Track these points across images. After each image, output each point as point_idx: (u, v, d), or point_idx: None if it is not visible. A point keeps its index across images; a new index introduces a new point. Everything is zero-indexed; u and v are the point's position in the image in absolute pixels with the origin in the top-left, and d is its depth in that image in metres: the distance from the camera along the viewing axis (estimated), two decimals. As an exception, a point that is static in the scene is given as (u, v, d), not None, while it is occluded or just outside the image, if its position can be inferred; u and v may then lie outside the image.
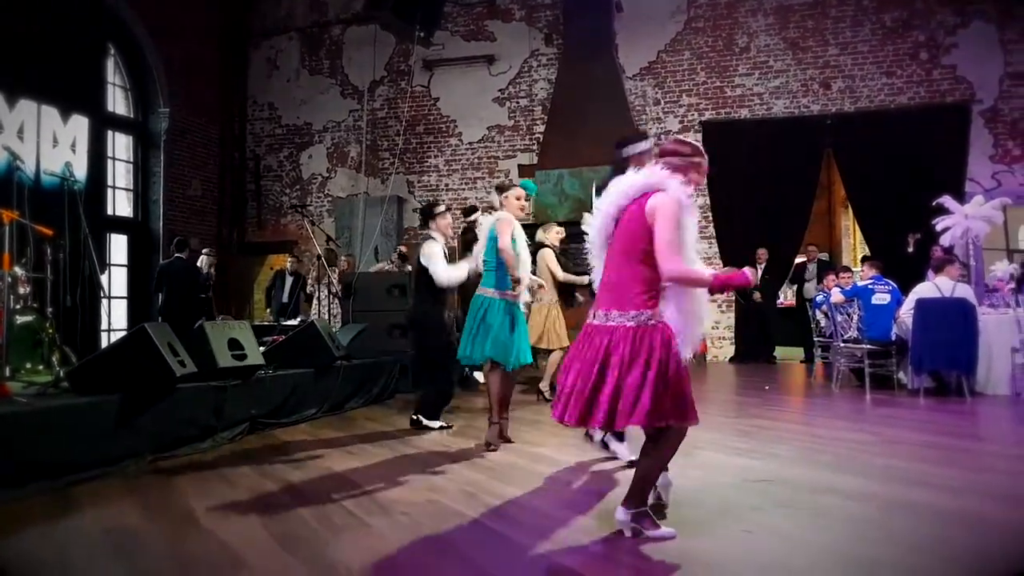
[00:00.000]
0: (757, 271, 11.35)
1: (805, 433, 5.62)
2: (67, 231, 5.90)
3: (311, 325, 6.88)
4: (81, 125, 10.82)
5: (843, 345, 7.75)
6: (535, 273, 5.62)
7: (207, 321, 6.43)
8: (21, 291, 5.47)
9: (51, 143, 10.24)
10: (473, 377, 8.36)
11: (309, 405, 6.40)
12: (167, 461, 4.62)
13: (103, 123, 11.50)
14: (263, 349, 6.23)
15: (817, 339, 8.87)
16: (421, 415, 5.88)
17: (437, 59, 13.49)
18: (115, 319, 11.09)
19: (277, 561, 2.90)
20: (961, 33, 11.36)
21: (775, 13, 12.19)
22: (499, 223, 5.06)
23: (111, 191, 11.76)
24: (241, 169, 14.48)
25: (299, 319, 10.34)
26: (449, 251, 6.07)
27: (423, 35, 11.18)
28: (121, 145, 11.99)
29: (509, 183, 6.50)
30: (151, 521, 3.46)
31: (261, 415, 5.73)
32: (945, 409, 6.53)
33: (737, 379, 8.64)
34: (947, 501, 3.56)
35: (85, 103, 10.98)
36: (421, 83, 13.73)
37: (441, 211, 6.08)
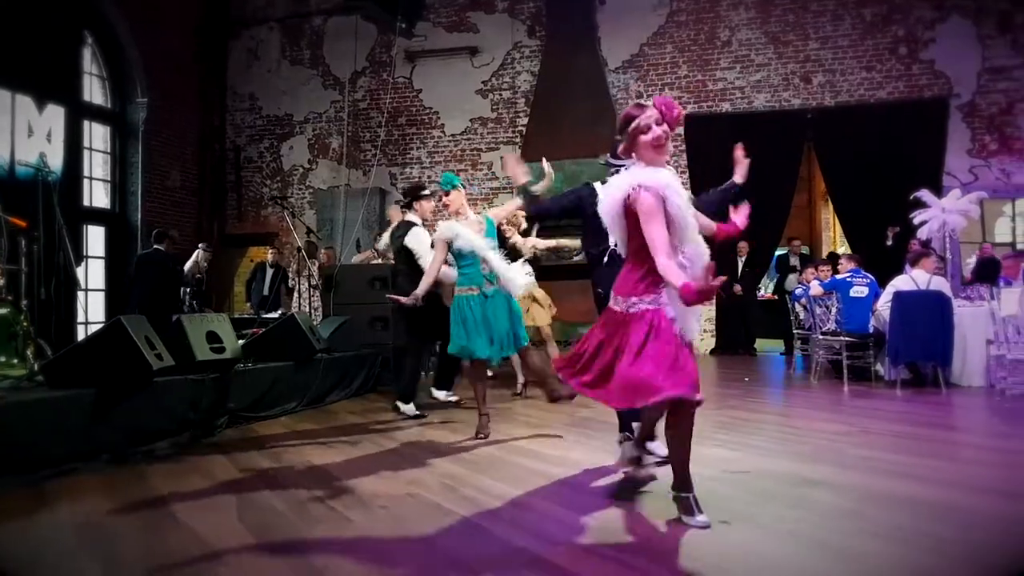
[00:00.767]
0: (739, 264, 11.42)
1: (784, 424, 5.66)
2: (41, 223, 5.82)
3: (291, 318, 6.84)
4: (57, 115, 10.68)
5: (822, 337, 7.82)
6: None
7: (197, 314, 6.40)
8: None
9: (26, 133, 10.09)
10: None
11: (289, 398, 6.37)
12: (143, 455, 4.58)
13: (79, 113, 11.34)
14: (242, 342, 6.19)
15: (796, 331, 8.94)
16: (400, 402, 5.97)
17: (419, 50, 13.42)
18: (92, 312, 10.97)
19: (253, 554, 2.88)
20: (939, 28, 11.45)
21: (757, 7, 12.22)
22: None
23: (88, 182, 11.61)
24: (221, 160, 14.34)
25: (279, 312, 10.29)
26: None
27: (405, 26, 11.13)
28: (98, 135, 11.84)
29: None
30: (126, 515, 3.43)
31: (240, 408, 5.69)
32: (921, 400, 6.60)
33: (718, 371, 8.69)
34: (923, 491, 3.60)
35: (61, 92, 10.83)
36: (403, 74, 13.65)
37: (427, 194, 6.11)
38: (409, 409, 6.00)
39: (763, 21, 12.20)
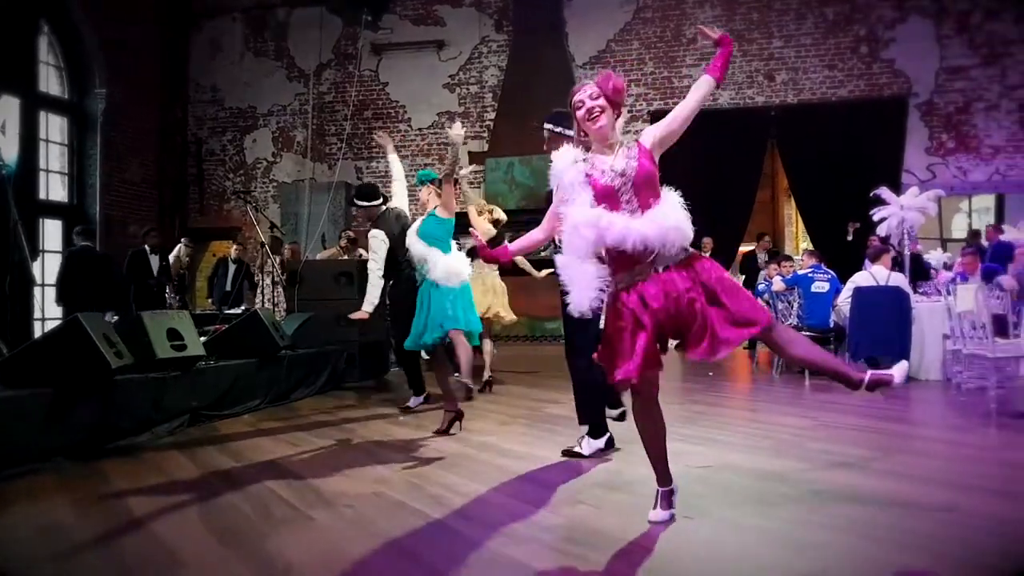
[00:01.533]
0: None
1: (747, 419, 5.74)
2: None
3: (254, 315, 6.76)
4: (11, 106, 10.44)
5: (784, 332, 7.93)
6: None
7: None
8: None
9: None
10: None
11: (252, 396, 6.29)
12: (103, 455, 4.50)
13: (35, 104, 11.08)
14: (204, 339, 6.10)
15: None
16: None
17: (386, 43, 13.33)
18: (49, 308, 10.73)
19: (215, 556, 2.85)
20: (899, 28, 11.67)
21: (722, 5, 12.35)
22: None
23: (44, 175, 11.35)
24: (183, 153, 14.12)
25: (242, 308, 10.16)
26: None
27: (371, 19, 11.05)
28: (55, 127, 11.58)
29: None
30: (85, 518, 3.36)
31: (202, 407, 5.62)
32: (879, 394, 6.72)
33: (682, 366, 8.76)
34: (879, 484, 3.67)
35: (15, 83, 10.57)
36: (369, 67, 13.55)
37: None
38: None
39: (728, 19, 12.31)
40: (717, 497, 3.48)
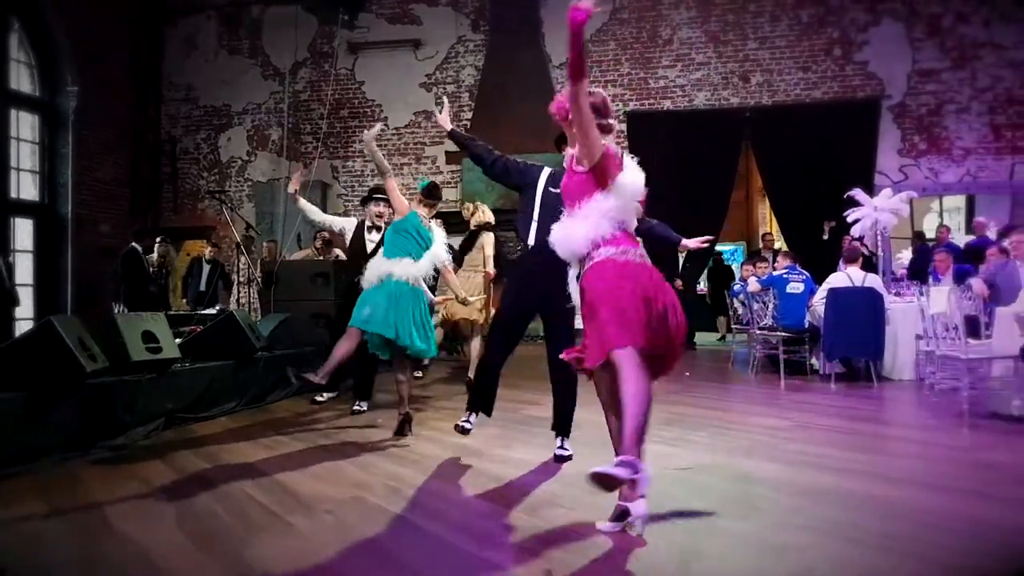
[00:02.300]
0: (679, 259, 11.59)
1: (723, 420, 5.77)
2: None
3: (230, 316, 6.69)
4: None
5: (759, 332, 8.01)
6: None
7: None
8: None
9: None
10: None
11: (228, 398, 6.23)
12: (77, 460, 4.44)
13: (6, 102, 10.89)
14: (180, 341, 6.04)
15: (734, 326, 9.13)
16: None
17: (362, 42, 13.25)
18: (20, 307, 10.58)
19: (192, 563, 2.83)
20: (872, 31, 11.80)
21: (697, 7, 12.41)
22: None
23: (15, 173, 11.16)
24: (156, 152, 13.94)
25: (217, 308, 10.06)
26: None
27: (347, 17, 10.98)
28: (26, 124, 11.37)
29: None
30: (60, 524, 3.32)
31: (177, 409, 5.56)
32: (855, 394, 6.81)
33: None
34: (855, 485, 3.72)
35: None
36: (345, 66, 13.46)
37: (377, 198, 6.17)
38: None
39: (703, 20, 12.38)
40: (697, 500, 3.51)
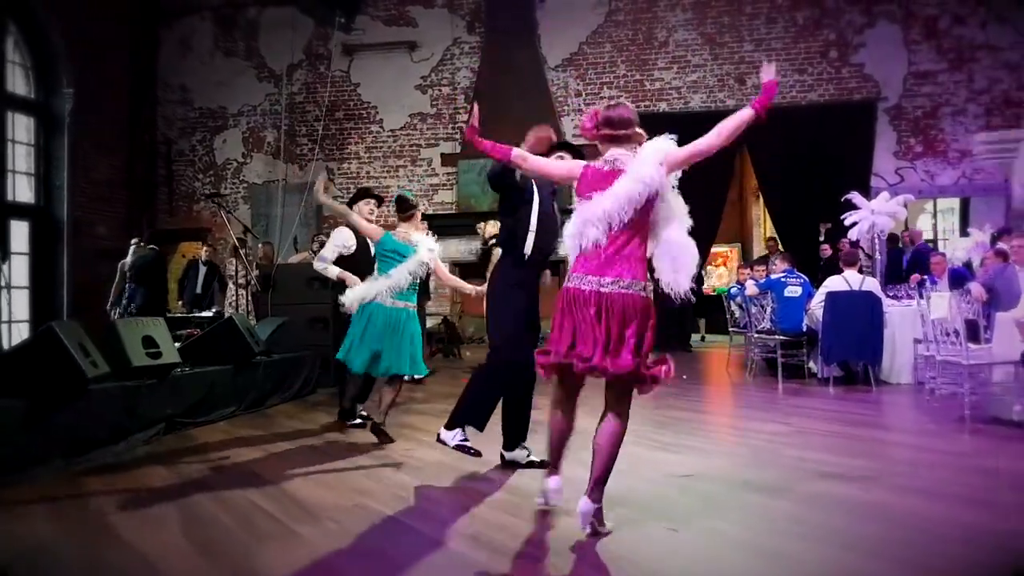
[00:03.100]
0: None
1: (722, 425, 5.80)
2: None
3: (229, 320, 6.68)
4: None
5: (757, 336, 8.03)
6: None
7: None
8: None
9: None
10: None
11: (228, 403, 6.22)
12: (79, 466, 4.43)
13: (3, 104, 10.85)
14: (179, 345, 6.03)
15: (732, 330, 9.16)
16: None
17: (357, 44, 13.22)
18: (16, 310, 10.57)
19: (199, 571, 2.83)
20: (868, 33, 11.84)
21: (693, 8, 12.43)
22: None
23: (11, 175, 11.11)
24: (152, 153, 13.89)
25: (214, 310, 10.05)
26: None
27: (344, 20, 10.97)
28: (21, 126, 11.31)
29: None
30: (66, 533, 3.32)
31: (177, 414, 5.55)
32: (853, 398, 6.83)
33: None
34: (858, 493, 3.74)
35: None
36: (341, 68, 13.44)
37: (370, 197, 5.99)
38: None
39: (699, 22, 12.41)
40: (697, 507, 3.52)
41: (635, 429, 5.07)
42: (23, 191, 11.35)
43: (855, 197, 8.81)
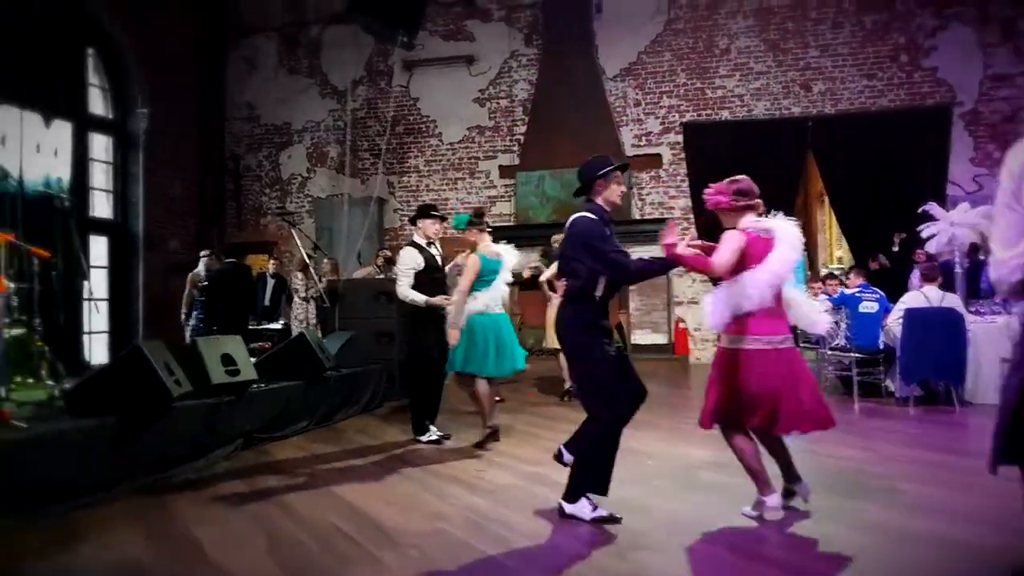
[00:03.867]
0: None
1: (803, 449, 5.62)
2: (58, 247, 5.79)
3: (300, 336, 6.82)
4: (63, 129, 10.69)
5: (831, 353, 7.77)
6: None
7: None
8: (13, 303, 5.32)
9: (34, 150, 10.05)
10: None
11: (301, 417, 6.34)
12: (163, 482, 4.55)
13: (84, 126, 11.29)
14: (254, 360, 6.15)
15: (802, 344, 8.91)
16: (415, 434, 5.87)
17: (416, 59, 13.36)
18: (96, 322, 10.95)
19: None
20: (941, 35, 11.47)
21: (755, 15, 12.23)
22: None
23: (91, 192, 11.54)
24: (220, 169, 14.26)
25: (281, 323, 10.25)
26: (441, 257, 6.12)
27: (407, 39, 11.10)
28: (100, 146, 11.75)
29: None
30: (156, 552, 3.41)
31: (255, 430, 5.67)
32: (935, 420, 6.56)
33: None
34: (944, 529, 3.56)
35: (66, 107, 10.78)
36: (400, 83, 13.60)
37: (434, 215, 5.97)
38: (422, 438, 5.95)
39: (762, 29, 12.20)
40: (786, 538, 3.43)
41: (713, 457, 4.92)
42: (102, 207, 11.77)
43: (933, 208, 8.50)
